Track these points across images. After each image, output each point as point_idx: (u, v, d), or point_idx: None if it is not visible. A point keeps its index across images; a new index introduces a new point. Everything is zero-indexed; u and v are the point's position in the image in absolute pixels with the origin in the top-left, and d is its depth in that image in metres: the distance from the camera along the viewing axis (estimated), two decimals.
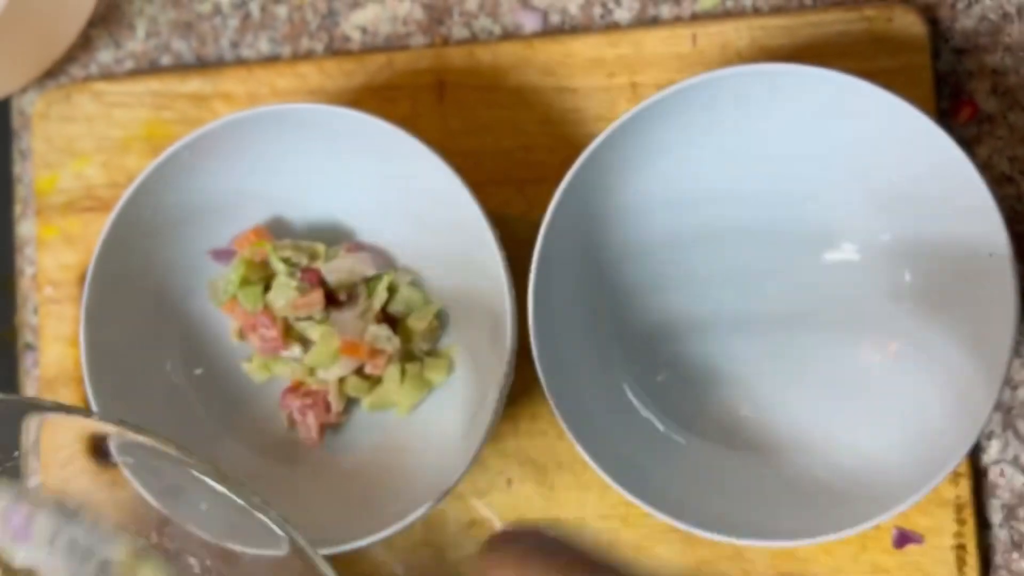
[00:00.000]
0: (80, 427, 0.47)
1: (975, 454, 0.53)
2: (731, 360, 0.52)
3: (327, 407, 0.54)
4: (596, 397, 0.51)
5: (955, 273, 0.49)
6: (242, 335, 0.54)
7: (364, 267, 0.53)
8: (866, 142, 0.49)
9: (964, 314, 0.48)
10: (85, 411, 0.51)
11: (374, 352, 0.53)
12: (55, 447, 0.59)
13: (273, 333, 0.53)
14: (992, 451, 0.53)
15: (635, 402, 0.52)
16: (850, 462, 0.49)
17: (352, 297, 0.54)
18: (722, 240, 0.52)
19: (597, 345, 0.52)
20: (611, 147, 0.49)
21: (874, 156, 0.50)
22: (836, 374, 0.51)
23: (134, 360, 0.54)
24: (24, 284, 0.60)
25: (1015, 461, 0.52)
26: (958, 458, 0.46)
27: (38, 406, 0.49)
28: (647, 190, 0.52)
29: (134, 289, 0.53)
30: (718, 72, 0.47)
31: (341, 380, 0.53)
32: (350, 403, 0.54)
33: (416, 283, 0.54)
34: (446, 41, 0.58)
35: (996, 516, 0.52)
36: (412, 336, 0.54)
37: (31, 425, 0.49)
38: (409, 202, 0.54)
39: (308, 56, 0.59)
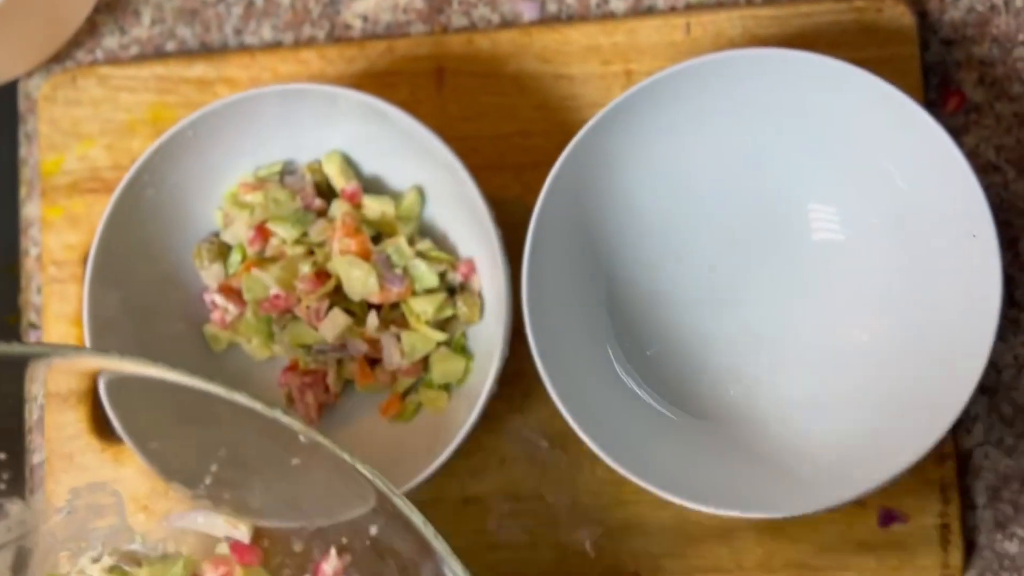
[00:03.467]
0: (86, 366, 0.46)
1: (960, 436, 0.54)
2: (720, 336, 0.53)
3: (326, 387, 0.55)
4: (589, 374, 0.52)
5: (941, 256, 0.50)
6: None
7: None
8: (854, 127, 0.50)
9: (949, 296, 0.49)
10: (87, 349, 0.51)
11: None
12: (59, 424, 0.60)
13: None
14: (977, 433, 0.54)
15: (626, 379, 0.53)
16: (836, 438, 0.50)
17: None
18: (712, 221, 0.54)
19: (589, 323, 0.53)
20: (603, 131, 0.50)
21: (862, 141, 0.51)
22: (823, 352, 0.52)
23: (137, 338, 0.55)
24: (29, 264, 0.61)
25: (999, 443, 0.53)
26: (940, 434, 0.47)
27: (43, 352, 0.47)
28: (639, 173, 0.53)
29: (136, 268, 0.55)
30: (708, 57, 0.48)
31: (339, 361, 0.54)
32: (347, 382, 0.55)
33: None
34: (445, 29, 0.59)
35: (981, 497, 0.53)
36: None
37: (37, 373, 0.48)
38: (406, 183, 0.55)
39: (310, 43, 0.60)
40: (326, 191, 0.55)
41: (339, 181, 0.54)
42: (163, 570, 0.48)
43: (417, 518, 0.41)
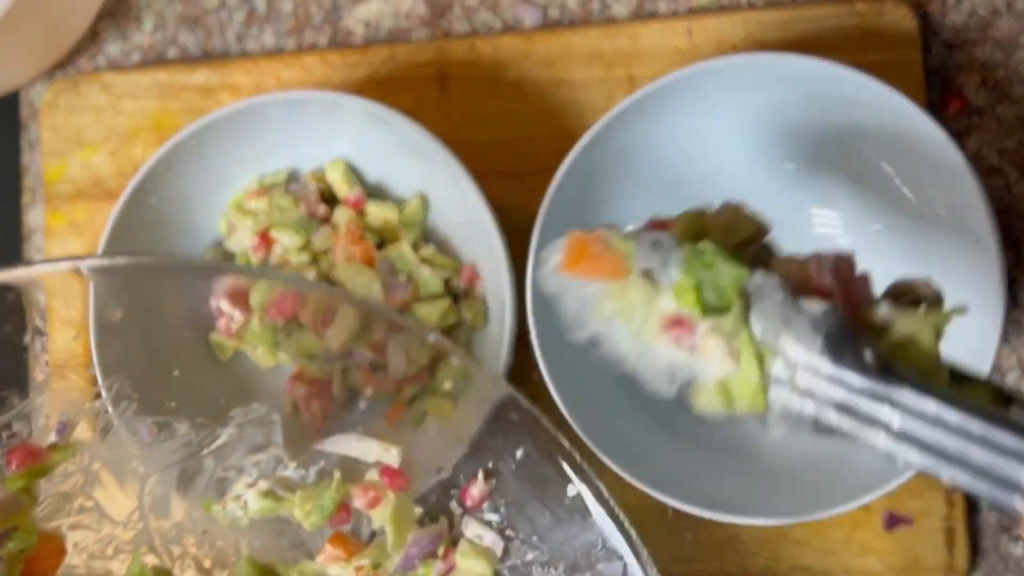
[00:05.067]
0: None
1: None
2: None
3: (331, 395, 0.55)
4: (592, 380, 0.52)
5: (943, 260, 0.50)
6: None
7: None
8: (857, 131, 0.50)
9: (953, 301, 0.49)
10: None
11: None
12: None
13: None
14: None
15: (629, 384, 0.53)
16: (840, 443, 0.50)
17: None
18: None
19: None
20: (607, 137, 0.50)
21: (864, 145, 0.51)
22: None
23: (141, 346, 0.54)
24: None
25: None
26: None
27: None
28: (642, 178, 0.53)
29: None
30: (712, 62, 0.48)
31: (345, 369, 0.54)
32: (352, 389, 0.55)
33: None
34: (448, 35, 0.59)
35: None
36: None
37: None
38: (410, 190, 0.55)
39: (312, 49, 0.60)
40: (330, 198, 0.55)
41: (343, 188, 0.55)
42: (316, 494, 0.49)
43: (564, 441, 0.43)
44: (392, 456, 0.49)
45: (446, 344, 0.46)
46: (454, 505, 0.48)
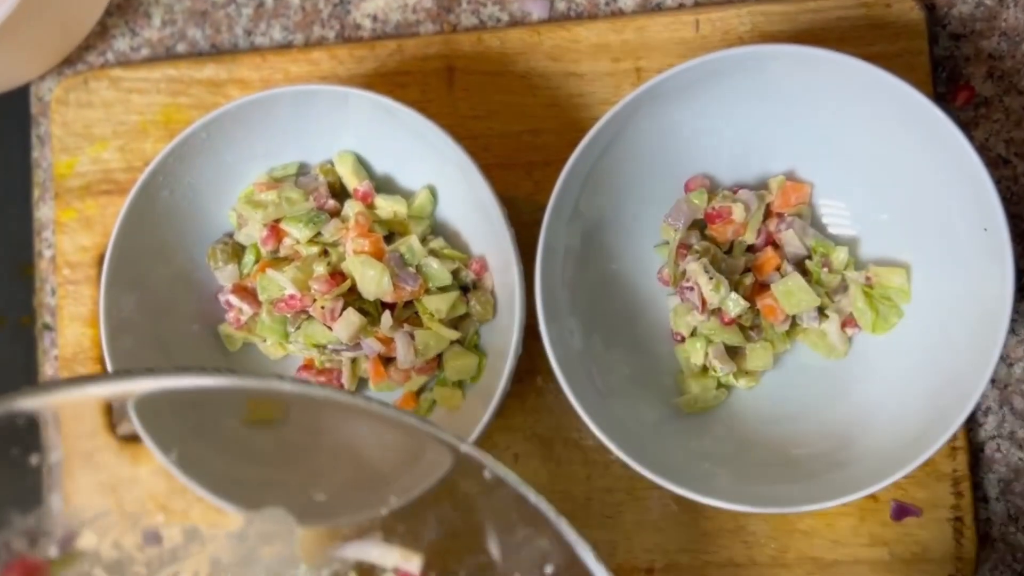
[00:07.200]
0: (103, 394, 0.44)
1: (972, 429, 0.54)
2: None
3: (340, 386, 0.55)
4: (600, 371, 0.52)
5: (952, 251, 0.50)
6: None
7: None
8: (864, 122, 0.50)
9: (961, 291, 0.50)
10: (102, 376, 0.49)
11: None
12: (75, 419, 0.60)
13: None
14: (989, 426, 0.54)
15: (638, 376, 0.53)
16: (848, 433, 0.50)
17: None
18: None
19: (601, 320, 0.53)
20: (614, 129, 0.50)
21: (872, 136, 0.51)
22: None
23: (153, 338, 0.55)
24: (43, 266, 0.62)
25: (1011, 436, 0.54)
26: (952, 429, 0.47)
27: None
28: (651, 170, 0.53)
29: (152, 269, 0.55)
30: (719, 54, 0.48)
31: (354, 360, 0.55)
32: (361, 381, 0.56)
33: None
34: (455, 28, 0.59)
35: (993, 490, 0.53)
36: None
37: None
38: (418, 182, 0.55)
39: (320, 43, 0.60)
40: (339, 191, 0.55)
41: (351, 181, 0.55)
42: None
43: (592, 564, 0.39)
44: (413, 565, 0.46)
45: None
46: None
